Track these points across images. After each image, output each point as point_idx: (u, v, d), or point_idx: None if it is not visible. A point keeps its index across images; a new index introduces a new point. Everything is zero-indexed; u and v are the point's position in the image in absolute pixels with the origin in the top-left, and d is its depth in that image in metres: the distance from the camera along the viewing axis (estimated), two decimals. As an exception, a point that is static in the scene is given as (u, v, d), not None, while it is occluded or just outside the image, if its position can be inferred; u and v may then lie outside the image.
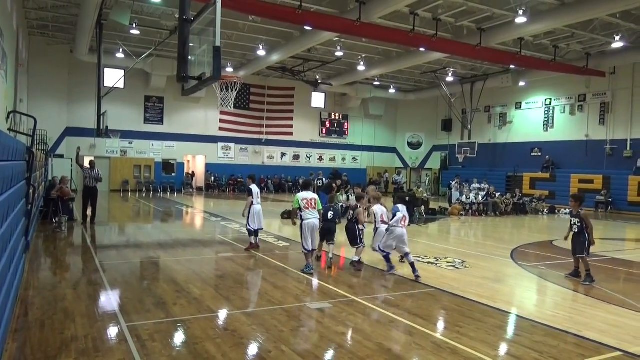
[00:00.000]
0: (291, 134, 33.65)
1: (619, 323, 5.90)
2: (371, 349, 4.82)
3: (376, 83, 32.53)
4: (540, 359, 4.64)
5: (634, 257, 11.31)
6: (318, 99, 34.77)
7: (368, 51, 24.52)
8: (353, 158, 36.19)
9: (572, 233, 8.46)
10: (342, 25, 17.74)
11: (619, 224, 19.35)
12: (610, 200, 24.04)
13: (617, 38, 19.75)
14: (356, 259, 8.66)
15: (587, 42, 21.60)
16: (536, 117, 28.94)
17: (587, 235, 8.19)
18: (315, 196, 8.59)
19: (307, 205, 8.32)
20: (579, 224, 8.25)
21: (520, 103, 29.88)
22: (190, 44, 8.12)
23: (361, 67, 26.33)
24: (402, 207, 8.33)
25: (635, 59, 22.53)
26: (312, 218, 8.32)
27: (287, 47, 22.76)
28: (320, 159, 34.79)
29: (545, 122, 28.39)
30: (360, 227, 8.91)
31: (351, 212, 8.99)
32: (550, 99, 28.11)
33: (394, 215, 8.28)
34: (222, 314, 5.94)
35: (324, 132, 34.98)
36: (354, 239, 8.79)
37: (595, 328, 5.64)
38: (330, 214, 8.85)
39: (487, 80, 28.77)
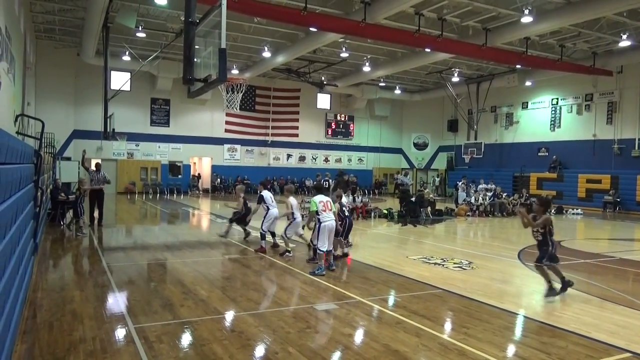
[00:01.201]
0: (297, 135, 33.70)
1: (628, 324, 5.86)
2: (378, 350, 4.82)
3: (382, 84, 32.49)
4: (549, 360, 4.61)
5: (643, 258, 11.20)
6: (323, 100, 34.78)
7: (373, 52, 24.51)
8: (359, 159, 36.17)
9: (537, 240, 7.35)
10: (347, 26, 17.74)
11: (627, 224, 19.21)
12: (618, 200, 23.87)
13: (624, 37, 19.63)
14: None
15: (593, 41, 21.47)
16: (543, 116, 28.79)
17: (551, 242, 7.11)
18: (329, 198, 8.81)
19: (324, 208, 8.49)
20: (542, 231, 7.16)
21: (527, 103, 29.75)
22: (196, 46, 8.15)
23: (366, 68, 26.32)
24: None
25: (643, 58, 22.38)
26: (330, 220, 8.48)
27: (292, 48, 22.79)
28: (326, 160, 34.80)
29: (552, 122, 28.25)
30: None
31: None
32: (557, 99, 27.96)
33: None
34: (229, 316, 5.96)
35: (329, 133, 34.99)
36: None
37: (604, 329, 5.61)
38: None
39: (493, 80, 28.69)
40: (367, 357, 4.64)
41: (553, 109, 28.23)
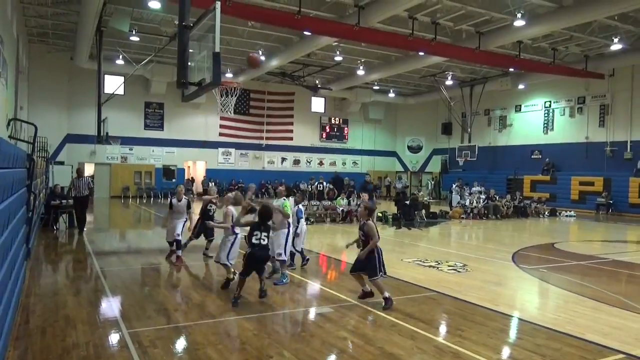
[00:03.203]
0: (291, 138, 33.69)
1: (622, 325, 5.89)
2: (373, 354, 4.81)
3: (376, 87, 32.57)
4: (543, 362, 4.63)
5: (636, 259, 11.27)
6: (318, 104, 34.82)
7: (367, 55, 24.58)
8: (353, 162, 36.20)
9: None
10: (341, 30, 17.79)
11: (620, 226, 19.33)
12: (611, 202, 24.00)
13: (616, 40, 19.77)
14: (386, 294, 6.45)
15: (585, 44, 21.64)
16: (536, 119, 28.96)
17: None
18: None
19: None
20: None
21: (520, 106, 29.92)
22: (190, 50, 8.14)
23: (360, 72, 26.37)
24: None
25: (634, 61, 22.55)
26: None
27: (286, 52, 22.81)
28: (321, 163, 34.80)
29: (545, 125, 28.42)
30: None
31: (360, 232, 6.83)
32: (550, 102, 28.14)
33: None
34: (224, 320, 5.93)
35: (324, 136, 35.01)
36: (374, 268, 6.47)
37: (598, 330, 5.63)
38: None
39: (487, 84, 28.80)
40: (362, 361, 4.64)
41: (546, 111, 28.40)
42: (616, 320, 6.09)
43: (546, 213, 22.79)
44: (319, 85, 29.83)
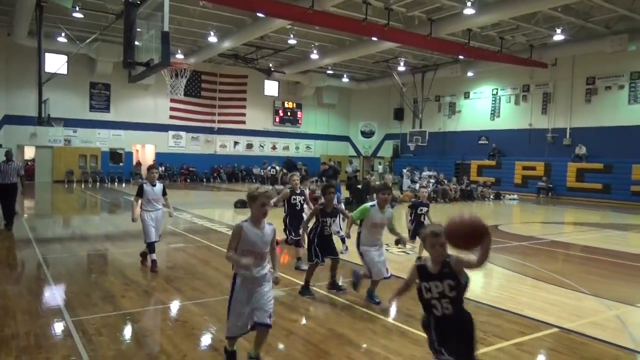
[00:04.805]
0: (244, 122, 33.27)
1: (558, 302, 6.25)
2: (323, 334, 4.90)
3: (329, 72, 32.59)
4: (485, 338, 4.84)
5: (572, 240, 11.97)
6: (271, 87, 34.48)
7: (321, 39, 24.50)
8: (307, 147, 36.23)
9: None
10: (295, 13, 17.62)
11: (558, 208, 20.39)
12: (551, 186, 25.25)
13: (559, 31, 20.63)
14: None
15: (530, 34, 22.45)
16: (483, 106, 29.89)
17: None
18: None
19: None
20: None
21: (469, 93, 30.78)
22: (138, 29, 7.89)
23: (314, 56, 26.29)
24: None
25: (574, 51, 23.63)
26: None
27: (239, 33, 22.39)
28: (274, 147, 34.63)
29: (492, 112, 29.39)
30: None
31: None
32: (497, 89, 29.10)
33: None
34: (173, 306, 5.85)
35: (277, 120, 34.79)
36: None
37: (536, 307, 5.95)
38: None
39: (438, 70, 29.42)
40: (312, 342, 4.71)
41: (493, 99, 29.36)
42: (553, 297, 6.46)
43: (491, 197, 23.71)
44: (272, 69, 29.51)
